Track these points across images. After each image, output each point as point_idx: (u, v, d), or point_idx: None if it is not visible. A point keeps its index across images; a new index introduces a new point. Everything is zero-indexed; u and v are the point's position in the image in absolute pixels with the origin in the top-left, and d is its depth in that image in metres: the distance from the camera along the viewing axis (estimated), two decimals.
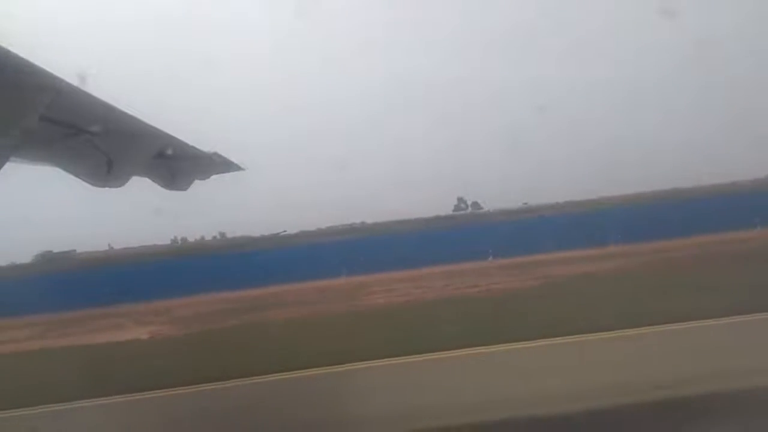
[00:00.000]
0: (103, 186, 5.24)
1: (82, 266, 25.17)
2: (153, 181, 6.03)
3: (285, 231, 26.49)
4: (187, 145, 5.72)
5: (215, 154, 6.19)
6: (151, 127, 5.03)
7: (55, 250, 26.26)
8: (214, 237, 25.36)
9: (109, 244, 28.86)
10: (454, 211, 31.82)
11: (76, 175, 5.01)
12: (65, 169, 4.99)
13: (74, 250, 26.76)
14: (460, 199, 32.59)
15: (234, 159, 6.43)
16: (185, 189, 6.39)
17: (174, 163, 5.98)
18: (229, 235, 24.44)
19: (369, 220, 29.37)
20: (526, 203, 30.42)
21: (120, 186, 5.35)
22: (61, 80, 3.58)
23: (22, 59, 3.14)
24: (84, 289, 21.08)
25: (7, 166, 4.02)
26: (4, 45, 3.03)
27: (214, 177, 6.74)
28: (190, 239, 26.37)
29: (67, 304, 18.86)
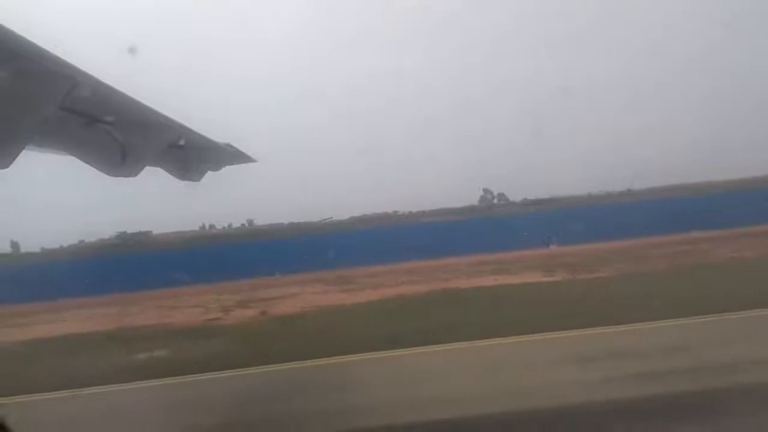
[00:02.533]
0: (117, 175, 5.24)
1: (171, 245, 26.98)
2: (166, 171, 6.03)
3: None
4: (200, 135, 5.70)
5: (228, 144, 6.17)
6: (165, 117, 5.02)
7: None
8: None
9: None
10: (479, 202, 31.92)
11: (91, 164, 5.01)
12: (80, 158, 4.99)
13: (150, 231, 27.82)
14: (486, 191, 32.42)
15: (252, 147, 6.42)
16: (198, 180, 6.39)
17: (187, 153, 5.98)
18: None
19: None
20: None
21: (133, 176, 5.35)
22: (78, 70, 3.58)
23: (41, 49, 3.15)
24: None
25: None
26: (23, 35, 3.04)
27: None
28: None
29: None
